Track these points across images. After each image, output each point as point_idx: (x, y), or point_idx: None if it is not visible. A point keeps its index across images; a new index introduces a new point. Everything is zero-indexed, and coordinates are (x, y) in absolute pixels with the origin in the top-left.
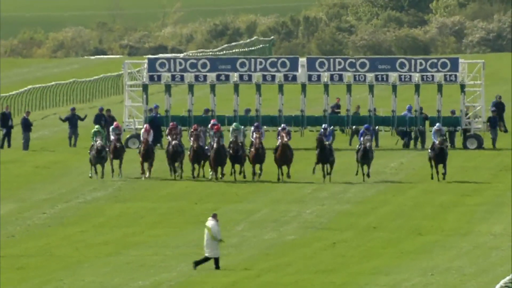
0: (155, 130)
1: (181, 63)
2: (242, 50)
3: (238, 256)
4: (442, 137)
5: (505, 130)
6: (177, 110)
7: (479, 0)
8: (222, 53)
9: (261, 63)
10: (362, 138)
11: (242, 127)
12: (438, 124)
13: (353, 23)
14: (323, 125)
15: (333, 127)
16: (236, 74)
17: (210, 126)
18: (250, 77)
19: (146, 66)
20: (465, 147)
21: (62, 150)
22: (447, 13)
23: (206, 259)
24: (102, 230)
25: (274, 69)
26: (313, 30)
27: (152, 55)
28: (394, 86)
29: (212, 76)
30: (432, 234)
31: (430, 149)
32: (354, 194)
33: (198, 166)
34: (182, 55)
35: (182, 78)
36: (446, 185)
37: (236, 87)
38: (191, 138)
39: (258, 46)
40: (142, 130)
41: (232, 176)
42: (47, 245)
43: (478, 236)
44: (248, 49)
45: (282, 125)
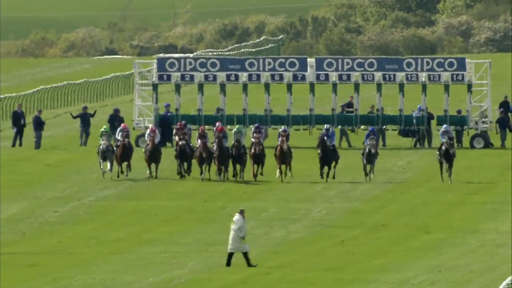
0: (166, 128)
1: (191, 63)
2: (251, 50)
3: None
4: (449, 140)
5: (510, 130)
6: (186, 109)
7: (486, 0)
8: (231, 53)
9: (270, 63)
10: (367, 141)
11: (244, 129)
12: (445, 125)
13: (361, 24)
14: (326, 125)
15: (333, 129)
16: (245, 74)
17: (215, 128)
18: (259, 76)
19: (155, 65)
20: (472, 146)
21: (74, 149)
22: (454, 13)
23: (230, 256)
24: (113, 227)
25: (283, 69)
26: (321, 30)
27: (162, 55)
28: (402, 86)
29: (221, 75)
30: (439, 232)
31: (438, 150)
32: (362, 193)
33: (208, 167)
34: (192, 55)
35: (192, 77)
36: (453, 183)
37: (245, 87)
38: (198, 140)
39: (267, 46)
40: (148, 131)
41: (234, 177)
42: (59, 242)
43: (485, 234)
44: (256, 49)
45: (283, 127)
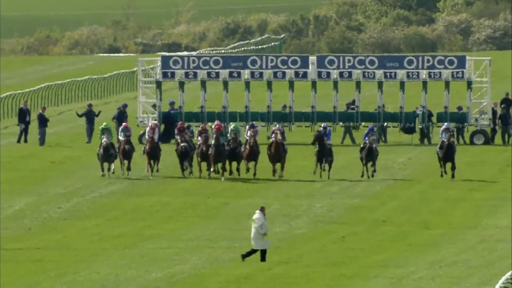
0: (170, 125)
1: (194, 61)
2: (254, 48)
3: (249, 249)
4: (449, 133)
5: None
6: (189, 107)
7: None
8: (234, 51)
9: (272, 61)
10: (367, 138)
11: (240, 127)
12: (446, 123)
13: (362, 22)
14: (323, 124)
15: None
16: (247, 71)
17: (213, 126)
18: (261, 74)
19: (159, 63)
20: (472, 143)
21: (78, 146)
22: (454, 11)
23: (253, 251)
24: (117, 223)
25: (285, 66)
26: (323, 28)
27: (165, 53)
28: (402, 83)
29: (224, 73)
30: (439, 228)
31: (438, 147)
32: (363, 189)
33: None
34: (195, 53)
35: (195, 75)
36: (453, 180)
37: (247, 84)
38: (199, 138)
39: (269, 44)
40: (147, 128)
41: (230, 175)
42: (63, 238)
43: (485, 229)
44: (259, 47)
45: (278, 125)
